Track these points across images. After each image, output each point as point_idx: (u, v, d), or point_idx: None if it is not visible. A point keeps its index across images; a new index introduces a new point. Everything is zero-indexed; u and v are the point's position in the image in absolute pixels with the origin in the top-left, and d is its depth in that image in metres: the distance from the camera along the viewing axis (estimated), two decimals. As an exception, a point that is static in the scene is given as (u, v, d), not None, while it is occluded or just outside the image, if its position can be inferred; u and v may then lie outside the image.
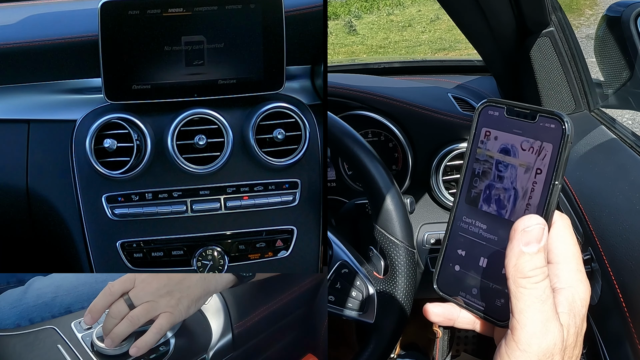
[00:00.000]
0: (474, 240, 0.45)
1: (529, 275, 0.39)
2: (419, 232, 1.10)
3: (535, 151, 0.42)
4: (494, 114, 0.44)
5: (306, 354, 0.89)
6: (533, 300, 0.39)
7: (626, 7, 0.95)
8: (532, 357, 0.39)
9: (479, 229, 0.45)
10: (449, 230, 0.47)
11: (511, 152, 0.43)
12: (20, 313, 0.76)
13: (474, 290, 0.45)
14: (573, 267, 0.43)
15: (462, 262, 0.46)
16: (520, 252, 0.39)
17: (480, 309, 0.45)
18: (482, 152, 0.45)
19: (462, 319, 0.46)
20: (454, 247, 0.46)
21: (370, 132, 1.12)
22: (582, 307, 0.42)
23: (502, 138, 0.44)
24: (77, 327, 0.69)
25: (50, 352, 0.66)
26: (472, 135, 0.45)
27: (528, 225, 0.40)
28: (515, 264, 0.39)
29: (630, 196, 0.69)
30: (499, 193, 0.43)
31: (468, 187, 0.45)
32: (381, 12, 7.35)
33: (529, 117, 0.42)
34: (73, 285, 0.82)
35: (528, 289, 0.39)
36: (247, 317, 0.78)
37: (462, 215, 0.46)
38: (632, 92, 0.99)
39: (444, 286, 0.47)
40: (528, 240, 0.39)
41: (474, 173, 0.45)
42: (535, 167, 0.42)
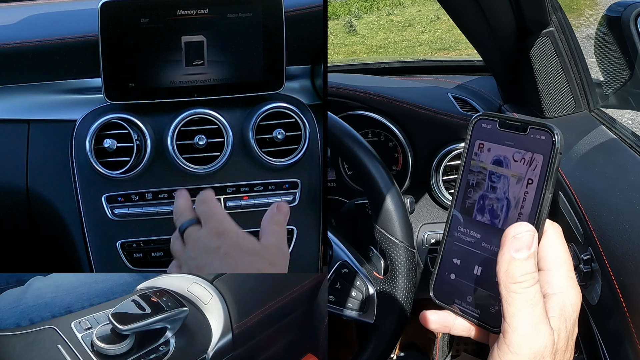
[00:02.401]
0: (469, 249, 0.46)
1: (519, 281, 0.40)
2: (419, 232, 1.09)
3: (526, 162, 0.43)
4: (487, 127, 0.46)
5: (306, 354, 0.89)
6: (524, 304, 0.40)
7: (626, 7, 0.95)
8: (523, 359, 0.40)
9: (474, 238, 0.46)
10: (445, 239, 0.48)
11: (504, 164, 0.44)
12: (20, 313, 0.76)
13: (469, 297, 0.46)
14: (564, 274, 0.43)
15: (457, 270, 0.47)
16: (511, 258, 0.40)
17: (475, 316, 0.45)
18: (476, 164, 0.46)
19: (457, 326, 0.47)
20: (449, 256, 0.47)
21: (370, 132, 1.12)
22: (573, 312, 0.43)
23: (495, 150, 0.45)
24: (77, 327, 0.69)
25: (50, 352, 0.66)
26: (466, 148, 0.47)
27: (518, 232, 0.41)
28: (507, 269, 0.40)
29: (630, 196, 0.69)
30: (492, 203, 0.45)
31: (462, 198, 0.47)
32: (381, 12, 7.35)
33: (521, 130, 0.43)
34: (73, 285, 0.82)
35: (519, 294, 0.40)
36: (247, 317, 0.78)
37: (457, 225, 0.47)
38: (632, 92, 0.99)
39: (439, 294, 0.48)
40: (518, 246, 0.40)
41: (468, 184, 0.46)
42: (526, 177, 0.43)
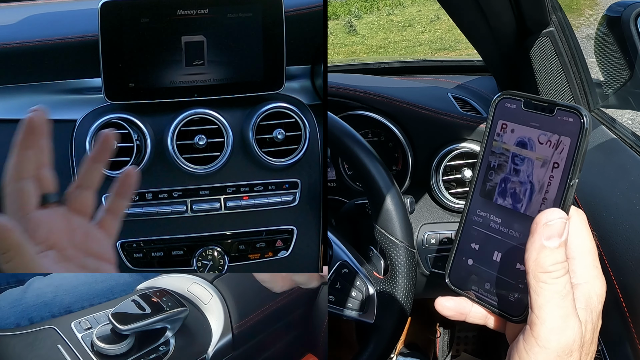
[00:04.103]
0: (488, 234, 0.44)
1: (549, 270, 0.38)
2: (419, 232, 1.09)
3: (552, 145, 0.41)
4: (510, 107, 0.44)
5: (306, 354, 0.89)
6: (553, 295, 0.38)
7: (626, 7, 0.95)
8: (551, 353, 0.38)
9: (494, 222, 0.44)
10: (463, 223, 0.46)
11: (528, 146, 0.42)
12: (20, 313, 0.76)
13: (487, 284, 0.44)
14: (589, 263, 0.42)
15: (475, 255, 0.45)
16: (542, 246, 0.38)
17: (493, 304, 0.44)
18: (498, 145, 0.44)
19: (474, 314, 0.45)
20: (467, 241, 0.45)
21: (370, 132, 1.12)
22: (598, 303, 0.41)
23: (519, 131, 0.43)
24: (77, 327, 0.69)
25: (50, 352, 0.66)
26: (488, 128, 0.45)
27: (550, 219, 0.39)
28: (536, 258, 0.38)
29: (631, 196, 0.69)
30: (514, 186, 0.43)
31: (483, 180, 0.45)
32: (381, 12, 7.35)
33: (547, 111, 0.41)
34: (73, 285, 0.82)
35: (548, 284, 0.38)
36: (247, 317, 0.78)
37: (477, 209, 0.45)
38: (632, 92, 0.99)
39: (456, 280, 0.46)
40: (550, 234, 0.38)
41: (489, 166, 0.44)
42: (552, 160, 0.41)
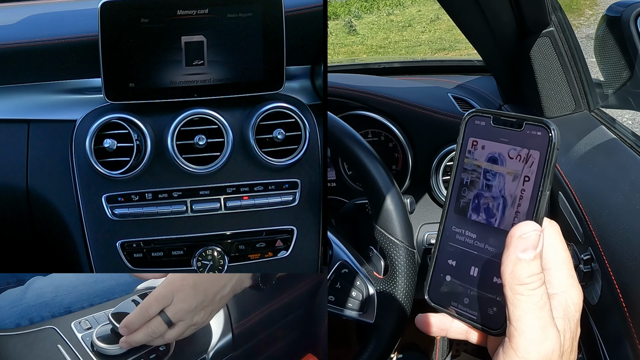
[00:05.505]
0: (464, 250, 0.45)
1: (526, 282, 0.39)
2: (419, 232, 1.10)
3: (522, 159, 0.42)
4: (480, 124, 0.45)
5: (306, 354, 0.89)
6: (531, 306, 0.39)
7: (626, 7, 0.95)
8: None
9: (469, 238, 0.44)
10: (439, 240, 0.46)
11: (499, 161, 0.43)
12: (20, 313, 0.76)
13: (466, 300, 0.45)
14: (565, 273, 0.43)
15: (452, 272, 0.45)
16: (517, 259, 0.39)
17: (472, 318, 0.44)
18: (470, 162, 0.45)
19: (455, 329, 0.46)
20: (444, 258, 0.46)
21: (370, 132, 1.12)
22: (576, 311, 0.42)
23: (490, 147, 0.44)
24: (77, 327, 0.69)
25: (50, 352, 0.66)
26: (459, 146, 0.45)
27: (525, 232, 0.39)
28: (512, 270, 0.39)
29: (630, 196, 0.69)
30: (487, 202, 0.44)
31: (457, 197, 0.45)
32: (381, 12, 7.35)
33: (516, 126, 0.42)
34: (73, 285, 0.82)
35: (525, 296, 0.39)
36: (247, 317, 0.78)
37: (452, 225, 0.46)
38: (632, 92, 0.99)
39: (435, 297, 0.47)
40: (525, 246, 0.39)
41: (462, 183, 0.45)
42: (523, 174, 0.42)
